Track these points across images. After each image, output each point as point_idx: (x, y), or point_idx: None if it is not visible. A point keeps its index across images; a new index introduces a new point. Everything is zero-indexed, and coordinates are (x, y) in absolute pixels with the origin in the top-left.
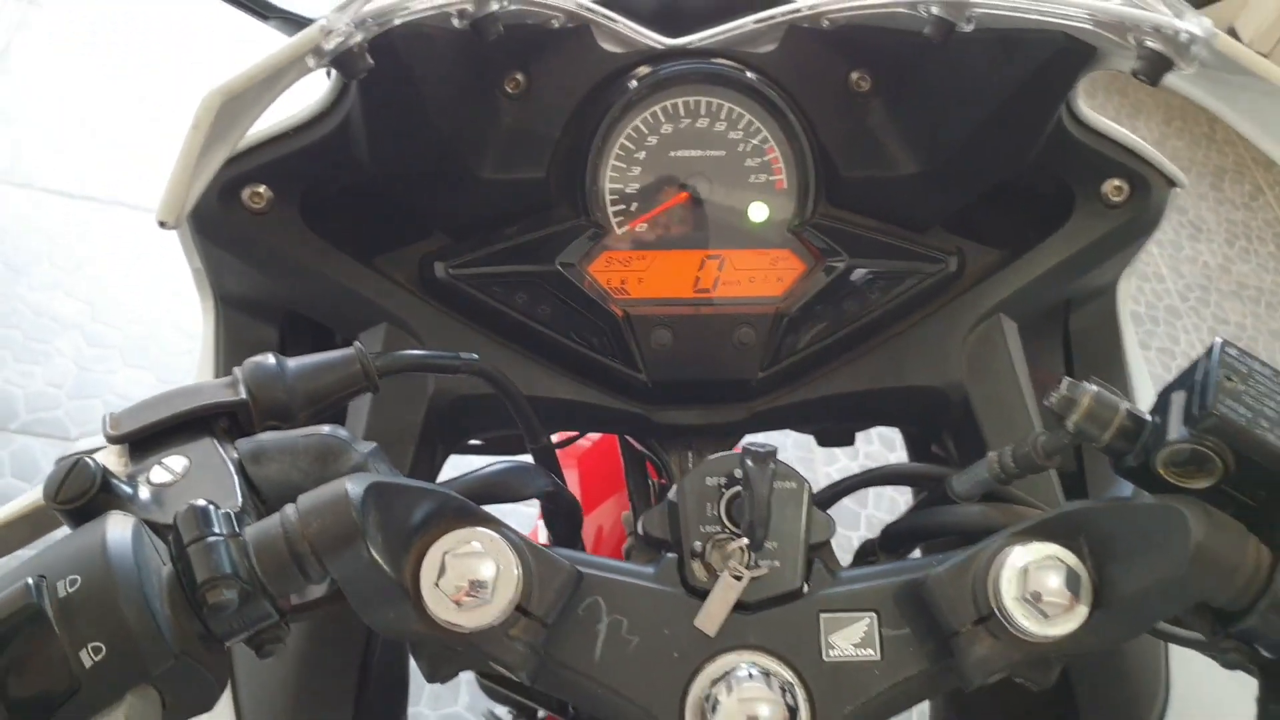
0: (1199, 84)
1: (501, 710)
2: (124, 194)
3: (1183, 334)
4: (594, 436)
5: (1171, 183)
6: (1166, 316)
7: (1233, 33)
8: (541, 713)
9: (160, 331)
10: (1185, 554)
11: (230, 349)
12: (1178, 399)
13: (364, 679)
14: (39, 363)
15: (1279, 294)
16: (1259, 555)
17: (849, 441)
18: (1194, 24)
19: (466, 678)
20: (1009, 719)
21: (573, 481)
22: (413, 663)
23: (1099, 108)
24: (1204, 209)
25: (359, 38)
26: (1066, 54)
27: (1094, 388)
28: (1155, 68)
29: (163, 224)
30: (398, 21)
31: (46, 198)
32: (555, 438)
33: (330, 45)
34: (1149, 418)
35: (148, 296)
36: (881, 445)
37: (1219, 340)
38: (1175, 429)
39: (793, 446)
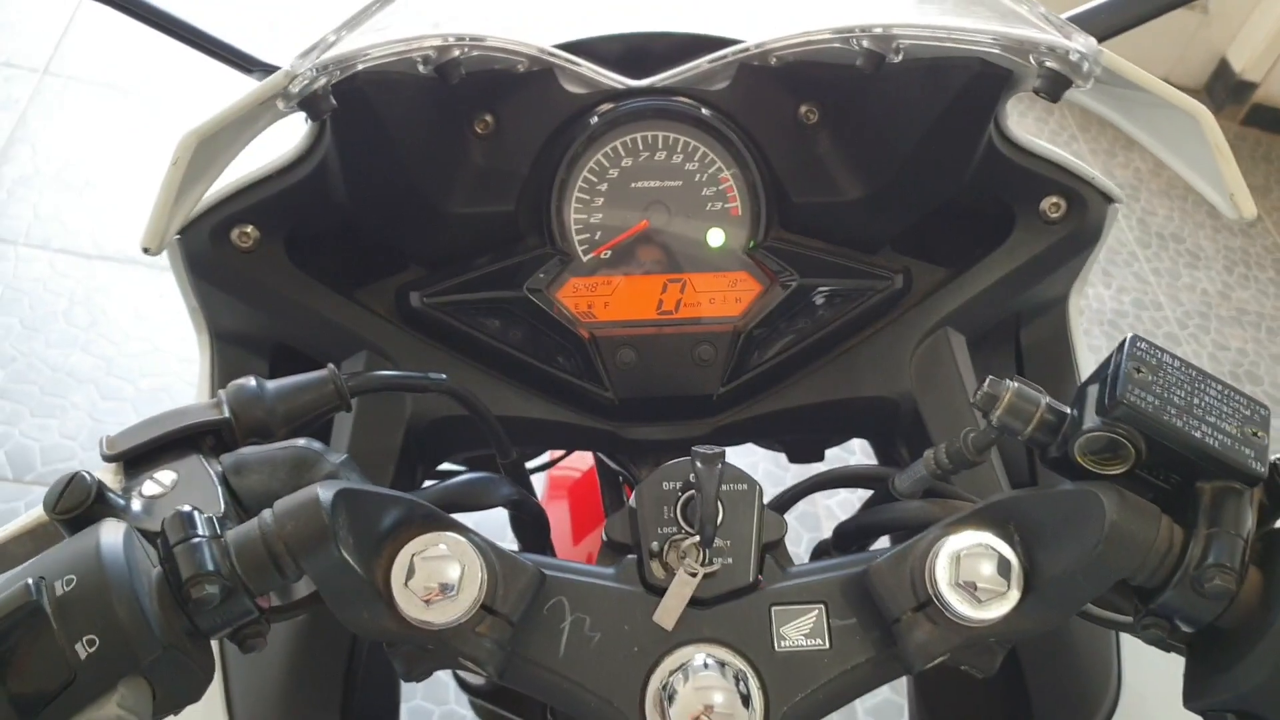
0: (1098, 99)
1: None
2: (138, 254)
3: None
4: (583, 467)
5: (1108, 198)
6: (1166, 343)
7: (1224, 63)
8: None
9: (171, 384)
10: (1101, 534)
11: (224, 381)
12: (1092, 391)
13: (351, 679)
14: (55, 416)
15: (1279, 319)
16: (1172, 534)
17: (819, 457)
18: (1080, 43)
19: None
20: (971, 715)
21: (563, 511)
22: None
23: (1094, 139)
24: (1202, 237)
25: (322, 81)
26: (984, 78)
27: (1014, 384)
28: (1055, 86)
29: (146, 250)
30: (361, 67)
31: (62, 258)
32: (543, 459)
33: (296, 89)
34: (1068, 411)
35: (159, 352)
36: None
37: (1130, 335)
38: (1090, 419)
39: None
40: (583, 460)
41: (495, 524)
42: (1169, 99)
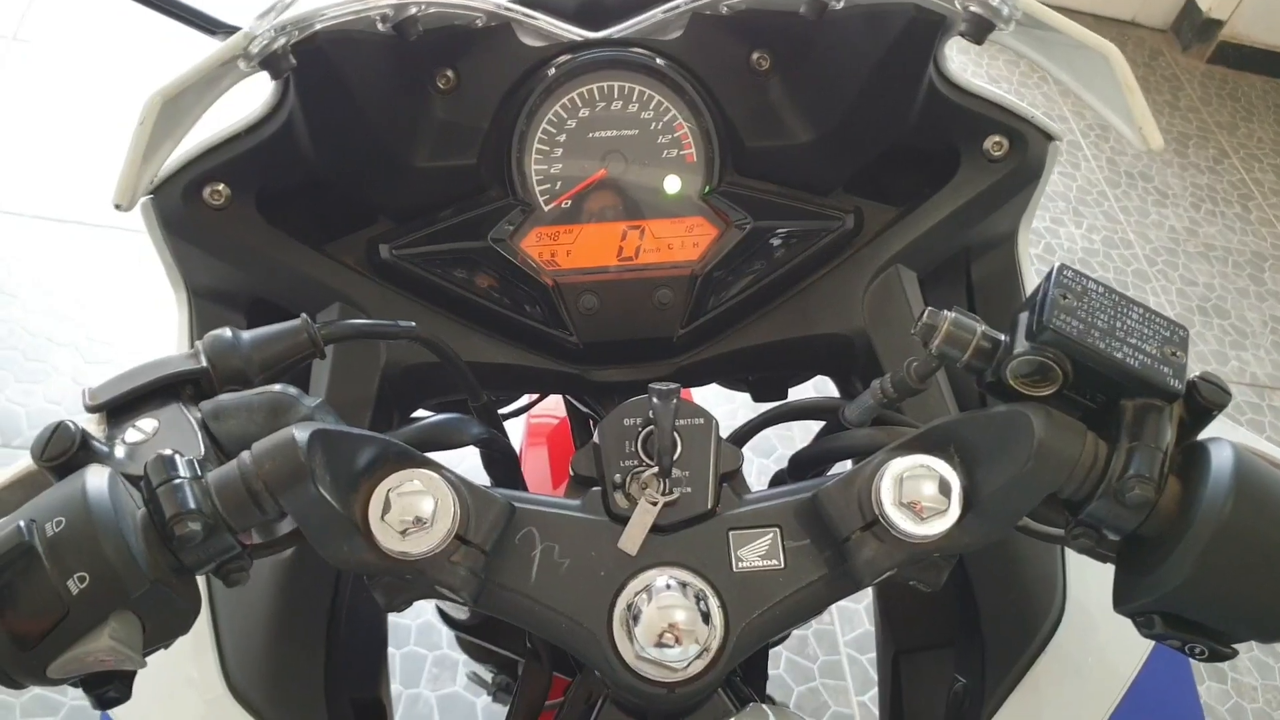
0: (1020, 40)
1: (485, 670)
2: (115, 218)
3: (1151, 297)
4: (561, 414)
5: (1048, 136)
6: (1135, 281)
7: (1191, 2)
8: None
9: (152, 346)
10: (1031, 451)
11: (201, 336)
12: (1023, 318)
13: (336, 613)
14: (39, 381)
15: (1245, 254)
16: (1097, 448)
17: (782, 396)
18: None
19: (463, 658)
20: (928, 628)
21: (543, 457)
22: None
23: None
24: (1169, 175)
25: (281, 41)
26: (919, 23)
27: (952, 314)
28: (979, 28)
29: (118, 206)
30: (318, 26)
31: (36, 224)
32: (520, 403)
33: (255, 49)
34: (1002, 338)
35: (140, 313)
36: None
37: (1057, 264)
38: (1020, 344)
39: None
40: (561, 408)
41: (470, 468)
42: (1082, 40)
